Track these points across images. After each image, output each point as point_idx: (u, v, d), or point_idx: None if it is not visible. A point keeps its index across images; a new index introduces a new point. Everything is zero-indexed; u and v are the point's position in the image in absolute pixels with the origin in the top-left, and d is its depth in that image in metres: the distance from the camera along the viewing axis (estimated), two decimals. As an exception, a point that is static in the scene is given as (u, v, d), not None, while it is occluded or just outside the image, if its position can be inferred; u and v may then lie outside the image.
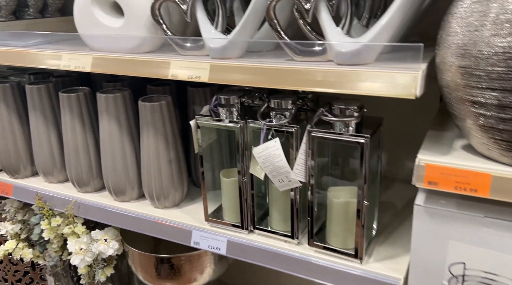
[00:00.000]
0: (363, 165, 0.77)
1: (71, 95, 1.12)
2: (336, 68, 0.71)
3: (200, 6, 0.87)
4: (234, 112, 0.92)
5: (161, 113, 1.03)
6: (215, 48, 0.84)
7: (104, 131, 1.10)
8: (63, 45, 1.14)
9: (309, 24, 0.79)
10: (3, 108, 1.25)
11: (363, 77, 0.69)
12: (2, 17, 1.38)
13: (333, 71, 0.71)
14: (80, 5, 0.98)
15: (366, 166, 0.77)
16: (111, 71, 0.95)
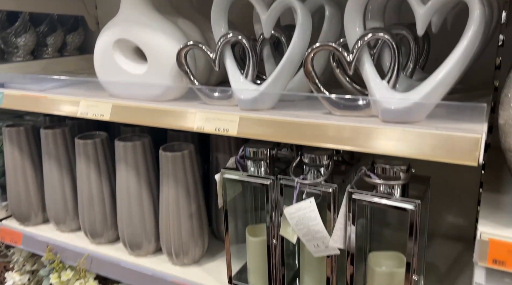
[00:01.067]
0: (412, 233, 0.68)
1: (88, 142, 1.06)
2: (382, 127, 0.64)
3: (229, 54, 0.81)
4: (263, 166, 0.85)
5: (183, 163, 0.96)
6: (245, 100, 0.77)
7: (121, 180, 1.03)
8: (82, 88, 1.09)
9: (349, 76, 0.73)
10: (16, 152, 1.20)
11: (414, 139, 0.61)
12: (19, 57, 1.35)
13: (380, 130, 0.63)
14: (101, 50, 0.93)
15: (415, 234, 0.68)
16: (132, 121, 0.89)
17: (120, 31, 0.89)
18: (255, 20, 0.90)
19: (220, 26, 0.82)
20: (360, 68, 0.68)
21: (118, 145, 1.01)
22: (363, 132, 0.64)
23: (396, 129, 0.62)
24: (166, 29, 0.86)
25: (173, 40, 0.85)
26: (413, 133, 0.61)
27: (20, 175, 1.21)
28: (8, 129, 1.19)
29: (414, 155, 0.61)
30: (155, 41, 0.85)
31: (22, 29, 1.38)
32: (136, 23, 0.88)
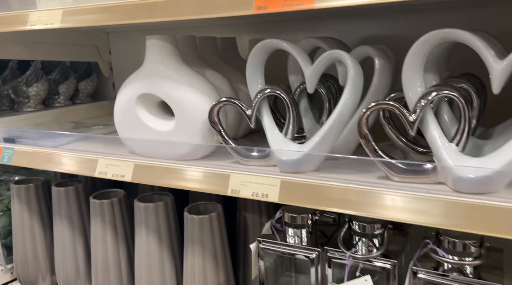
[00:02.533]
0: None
1: (104, 203, 0.97)
2: (460, 199, 0.55)
3: (266, 110, 0.74)
4: (304, 234, 0.75)
5: (211, 227, 0.86)
6: (287, 162, 0.69)
7: (141, 245, 0.93)
8: (98, 143, 1.01)
9: (407, 139, 0.65)
10: (24, 211, 1.11)
11: (494, 214, 0.52)
12: (30, 108, 1.28)
13: (458, 203, 0.54)
14: (122, 105, 0.86)
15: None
16: (157, 182, 0.80)
17: (145, 85, 0.82)
18: (290, 72, 0.83)
19: (256, 81, 0.75)
20: (424, 128, 0.60)
21: (139, 206, 0.92)
22: (449, 209, 0.55)
23: (474, 205, 0.53)
24: (196, 83, 0.79)
25: (203, 95, 0.78)
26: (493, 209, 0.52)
27: (28, 235, 1.11)
28: (16, 187, 1.10)
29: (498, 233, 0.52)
30: (184, 97, 0.78)
31: (33, 77, 1.32)
32: (162, 76, 0.81)
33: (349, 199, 0.62)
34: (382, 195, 0.60)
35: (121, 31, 1.46)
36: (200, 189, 0.76)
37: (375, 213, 0.60)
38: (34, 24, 0.87)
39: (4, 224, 1.18)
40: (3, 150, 1.03)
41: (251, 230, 0.97)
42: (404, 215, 0.58)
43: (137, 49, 1.44)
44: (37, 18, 0.86)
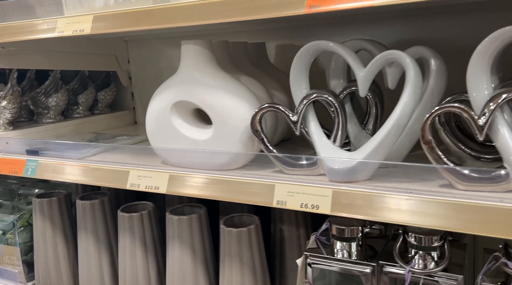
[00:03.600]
0: None
1: (133, 216, 0.93)
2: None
3: (313, 116, 0.70)
4: (354, 248, 0.71)
5: (249, 241, 0.82)
6: (339, 170, 0.65)
7: (174, 259, 0.89)
8: (124, 154, 0.97)
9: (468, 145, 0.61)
10: (47, 226, 1.06)
11: None
12: (50, 119, 1.24)
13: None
14: (156, 114, 0.82)
15: None
16: (197, 193, 0.76)
17: (181, 92, 0.78)
18: (332, 76, 0.79)
19: (301, 85, 0.71)
20: (493, 133, 0.56)
21: (172, 219, 0.88)
22: None
23: None
24: (234, 89, 0.76)
25: (244, 102, 0.74)
26: None
27: (51, 251, 1.07)
28: (39, 201, 1.06)
29: None
30: (223, 104, 0.74)
31: (52, 88, 1.29)
32: (199, 83, 0.77)
33: (412, 210, 0.58)
34: (450, 205, 0.56)
35: (140, 39, 1.43)
36: (242, 199, 0.71)
37: (441, 225, 0.56)
38: (63, 31, 0.83)
39: (25, 239, 1.13)
40: (26, 163, 0.99)
41: (288, 242, 0.92)
42: (477, 226, 0.54)
43: (157, 58, 1.41)
44: (66, 24, 0.83)
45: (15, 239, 1.13)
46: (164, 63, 1.40)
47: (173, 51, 1.37)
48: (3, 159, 1.03)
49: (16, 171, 1.00)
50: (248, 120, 0.73)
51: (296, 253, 0.92)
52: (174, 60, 1.38)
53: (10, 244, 1.14)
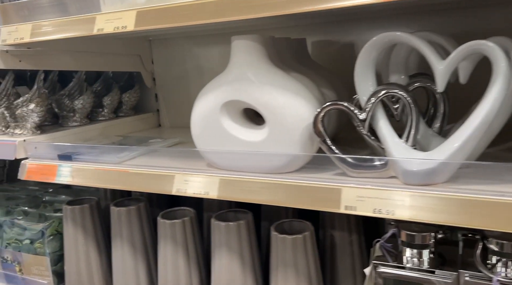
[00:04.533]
0: None
1: (175, 223, 0.88)
2: None
3: (382, 114, 0.65)
4: (426, 255, 0.66)
5: (305, 247, 0.77)
6: (416, 172, 0.60)
7: (221, 268, 0.84)
8: (165, 158, 0.92)
9: None
10: (79, 234, 1.01)
11: None
12: (76, 122, 1.19)
13: None
14: (203, 115, 0.77)
15: None
16: (253, 199, 0.71)
17: (232, 91, 0.73)
18: (392, 70, 0.74)
19: (367, 81, 0.66)
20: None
21: (219, 226, 0.83)
22: None
23: None
24: (291, 86, 0.71)
25: (302, 100, 0.69)
26: None
27: (83, 260, 1.02)
28: (70, 208, 1.01)
29: None
30: (281, 102, 0.69)
31: (76, 90, 1.24)
32: (253, 81, 0.72)
33: (505, 215, 0.53)
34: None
35: (165, 38, 1.38)
36: (307, 206, 0.66)
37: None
38: (103, 28, 0.79)
39: (54, 249, 1.08)
40: (59, 168, 0.94)
41: (339, 249, 0.87)
42: None
43: (182, 58, 1.36)
44: (106, 21, 0.78)
45: (44, 249, 1.07)
46: (190, 63, 1.35)
47: (200, 50, 1.32)
48: (33, 165, 0.98)
49: (48, 177, 0.95)
50: (307, 120, 0.68)
51: (348, 260, 0.87)
52: (201, 59, 1.33)
53: (39, 253, 1.08)
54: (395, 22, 1.04)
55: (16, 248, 1.12)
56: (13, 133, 1.04)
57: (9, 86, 1.14)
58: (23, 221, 1.10)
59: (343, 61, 1.09)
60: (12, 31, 0.91)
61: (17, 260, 1.13)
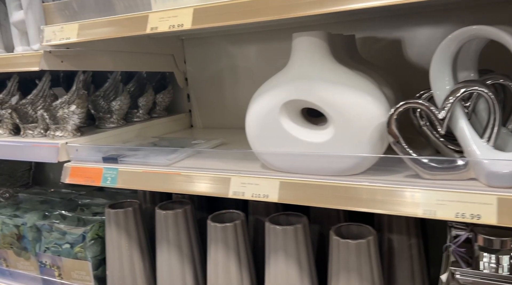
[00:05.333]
0: None
1: (228, 226, 0.85)
2: None
3: (461, 112, 0.62)
4: (505, 261, 0.63)
5: (369, 252, 0.74)
6: (504, 174, 0.57)
7: (277, 273, 0.81)
8: (214, 160, 0.89)
9: None
10: (123, 238, 0.99)
11: None
12: (113, 123, 1.17)
13: None
14: (261, 116, 0.74)
15: None
16: (315, 202, 0.68)
17: (293, 90, 0.71)
18: (459, 68, 0.71)
19: (443, 78, 0.63)
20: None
21: (274, 230, 0.80)
22: None
23: None
24: (359, 84, 0.68)
25: (371, 97, 0.66)
26: None
27: (127, 264, 1.00)
28: (114, 212, 0.99)
29: None
30: (348, 101, 0.67)
31: (112, 90, 1.22)
32: (316, 79, 0.69)
33: None
34: None
35: (198, 37, 1.35)
36: (383, 210, 0.63)
37: None
38: (157, 26, 0.76)
39: (95, 253, 1.06)
40: (104, 171, 0.92)
41: (397, 253, 0.84)
42: None
43: (216, 57, 1.33)
44: (160, 19, 0.76)
45: (85, 253, 1.05)
46: (224, 62, 1.33)
47: (235, 49, 1.30)
48: (77, 168, 0.96)
49: (93, 180, 0.93)
50: (377, 119, 0.65)
51: (407, 265, 0.84)
52: (237, 58, 1.30)
53: (80, 258, 1.06)
54: (444, 17, 1.00)
55: (55, 252, 1.10)
56: (54, 136, 1.02)
57: (46, 88, 1.13)
58: (62, 225, 1.08)
59: (391, 58, 1.06)
60: (57, 31, 0.88)
61: (57, 264, 1.11)
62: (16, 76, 1.16)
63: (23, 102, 1.11)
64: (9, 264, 1.21)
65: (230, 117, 1.36)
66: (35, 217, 1.13)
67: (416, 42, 1.03)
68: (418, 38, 1.03)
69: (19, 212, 1.19)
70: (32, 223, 1.12)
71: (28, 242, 1.15)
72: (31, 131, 1.08)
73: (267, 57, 1.25)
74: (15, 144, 1.02)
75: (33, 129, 1.08)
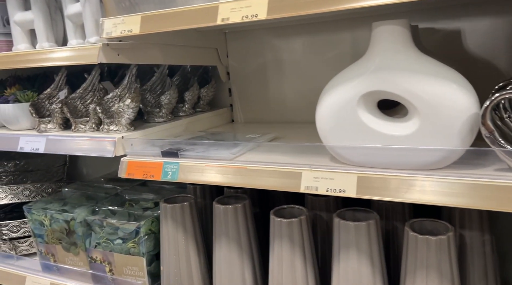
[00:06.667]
0: None
1: (293, 221, 0.84)
2: None
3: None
4: None
5: (449, 249, 0.72)
6: None
7: (347, 270, 0.79)
8: (276, 154, 0.88)
9: None
10: (180, 234, 0.98)
11: None
12: (162, 118, 1.16)
13: None
14: (337, 108, 0.72)
15: None
16: (400, 197, 0.66)
17: (373, 81, 0.68)
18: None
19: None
20: None
21: (346, 225, 0.78)
22: None
23: None
24: (446, 74, 0.65)
25: (461, 88, 0.64)
26: None
27: (184, 261, 0.98)
28: (171, 207, 0.97)
29: None
30: (437, 92, 0.64)
31: (159, 84, 1.21)
32: (400, 69, 0.67)
33: None
34: None
35: (241, 31, 1.33)
36: (485, 207, 0.61)
37: None
38: (228, 17, 0.74)
39: (148, 248, 1.05)
40: (164, 165, 0.91)
41: (469, 250, 0.82)
42: None
43: (260, 50, 1.31)
44: (231, 10, 0.74)
45: (138, 248, 1.04)
46: (268, 56, 1.31)
47: (280, 42, 1.27)
48: (134, 162, 0.94)
49: (152, 174, 0.92)
50: (468, 110, 0.63)
51: (480, 263, 0.82)
52: (282, 52, 1.28)
53: (133, 253, 1.05)
54: (505, 7, 0.97)
55: (106, 247, 1.09)
56: (109, 130, 1.01)
57: (95, 81, 1.12)
58: (114, 220, 1.07)
59: (450, 49, 1.03)
60: (118, 23, 0.87)
61: (108, 260, 1.10)
62: (65, 70, 1.16)
63: (72, 97, 1.10)
64: (56, 259, 1.21)
65: (274, 111, 1.34)
66: (85, 212, 1.13)
67: (475, 33, 1.00)
68: (478, 29, 1.00)
69: (67, 207, 1.18)
70: (82, 218, 1.12)
71: (78, 237, 1.14)
72: (82, 125, 1.07)
73: (315, 50, 1.23)
74: (70, 139, 1.01)
75: (85, 124, 1.07)
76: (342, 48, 1.18)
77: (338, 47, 1.19)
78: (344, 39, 1.18)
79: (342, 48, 1.18)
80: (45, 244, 1.21)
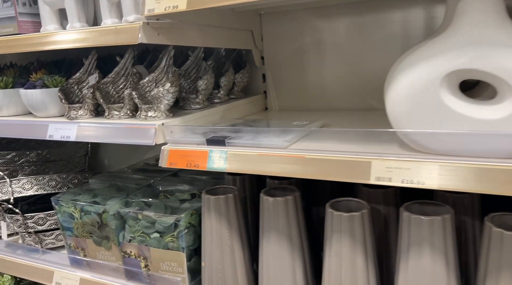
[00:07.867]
0: None
1: (354, 216, 0.77)
2: None
3: None
4: None
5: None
6: None
7: (419, 268, 0.73)
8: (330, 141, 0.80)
9: None
10: (224, 227, 0.91)
11: None
12: (198, 104, 1.08)
13: None
14: (414, 90, 0.64)
15: None
16: (499, 191, 0.59)
17: (463, 59, 0.61)
18: None
19: None
20: None
21: (418, 220, 0.71)
22: None
23: None
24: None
25: None
26: None
27: (228, 256, 0.92)
28: (214, 198, 0.91)
29: None
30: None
31: (193, 69, 1.13)
32: (497, 45, 0.59)
33: None
34: None
35: (278, 11, 1.25)
36: None
37: None
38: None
39: (188, 243, 0.98)
40: (210, 154, 0.84)
41: None
42: None
43: (298, 33, 1.23)
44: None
45: (178, 243, 0.98)
46: (307, 38, 1.23)
47: (322, 23, 1.19)
48: (176, 151, 0.88)
49: (197, 164, 0.85)
50: None
51: None
52: (323, 33, 1.20)
53: (171, 248, 0.99)
54: None
55: (142, 242, 1.03)
56: (146, 117, 0.94)
57: (129, 65, 1.05)
58: (151, 212, 1.00)
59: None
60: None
61: (143, 255, 1.04)
62: (95, 53, 1.09)
63: (104, 81, 1.03)
64: (87, 253, 1.15)
65: (312, 98, 1.26)
66: (118, 204, 1.06)
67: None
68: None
69: (98, 198, 1.12)
70: (115, 210, 1.05)
71: (110, 231, 1.08)
72: (117, 112, 1.01)
73: (360, 32, 1.15)
74: (105, 126, 0.95)
75: (119, 110, 1.00)
76: (391, 29, 1.10)
77: (387, 29, 1.11)
78: (394, 19, 1.09)
79: (392, 29, 1.10)
80: (74, 237, 1.15)
